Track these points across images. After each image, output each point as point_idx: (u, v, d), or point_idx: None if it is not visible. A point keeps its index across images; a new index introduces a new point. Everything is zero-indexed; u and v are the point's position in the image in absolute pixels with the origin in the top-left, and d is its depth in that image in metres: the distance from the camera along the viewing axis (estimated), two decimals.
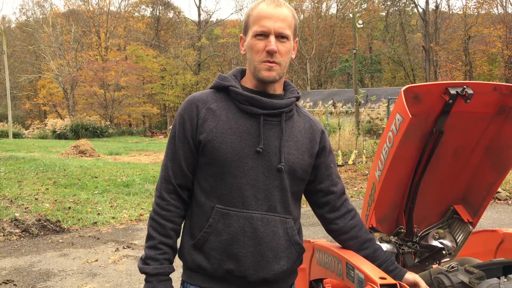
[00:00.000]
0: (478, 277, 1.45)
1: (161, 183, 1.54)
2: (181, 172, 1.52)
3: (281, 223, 1.51)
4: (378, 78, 46.37)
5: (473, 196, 2.07)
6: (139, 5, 53.90)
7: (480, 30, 38.54)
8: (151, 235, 1.51)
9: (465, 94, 1.67)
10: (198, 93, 1.57)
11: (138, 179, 10.49)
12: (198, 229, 1.50)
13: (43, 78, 46.41)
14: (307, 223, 6.74)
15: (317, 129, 1.61)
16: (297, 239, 1.56)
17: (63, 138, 31.67)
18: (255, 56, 1.47)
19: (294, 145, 1.52)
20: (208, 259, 1.49)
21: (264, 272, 1.49)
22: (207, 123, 1.48)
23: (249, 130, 1.48)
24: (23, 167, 12.30)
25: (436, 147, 1.86)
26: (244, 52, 1.53)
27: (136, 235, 6.10)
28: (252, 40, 1.47)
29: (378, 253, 1.64)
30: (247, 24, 1.51)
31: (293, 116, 1.56)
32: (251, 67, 1.50)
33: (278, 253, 1.50)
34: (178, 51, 48.75)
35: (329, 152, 1.63)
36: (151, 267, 1.48)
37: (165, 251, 1.50)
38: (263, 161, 1.48)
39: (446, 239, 2.07)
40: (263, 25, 1.45)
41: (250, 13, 1.50)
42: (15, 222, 6.54)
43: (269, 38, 1.46)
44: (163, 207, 1.51)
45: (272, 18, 1.45)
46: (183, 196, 1.54)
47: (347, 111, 20.30)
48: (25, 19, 51.00)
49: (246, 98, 1.48)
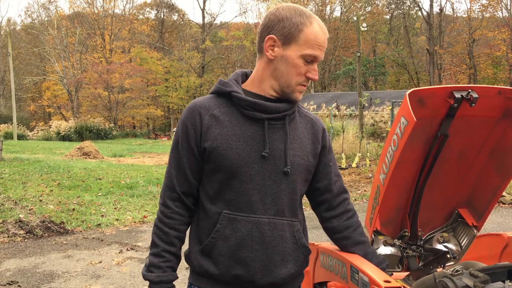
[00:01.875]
0: (483, 281, 1.44)
1: (165, 191, 1.54)
2: (185, 179, 1.52)
3: (288, 226, 1.52)
4: (382, 81, 46.28)
5: (477, 200, 2.07)
6: (144, 8, 54.11)
7: (485, 33, 38.43)
8: (155, 242, 1.52)
9: (470, 98, 1.67)
10: (199, 99, 1.55)
11: (142, 181, 10.51)
12: (205, 234, 1.50)
13: (47, 80, 46.59)
14: (311, 226, 6.73)
15: (318, 128, 1.61)
16: (303, 241, 1.56)
17: (67, 140, 31.73)
18: (294, 76, 1.47)
19: (299, 146, 1.53)
20: (216, 265, 1.49)
21: (272, 276, 1.49)
22: (211, 130, 1.47)
23: (253, 135, 1.47)
24: (28, 169, 12.35)
25: (440, 151, 1.86)
26: (272, 57, 1.47)
27: (140, 237, 6.11)
28: (297, 60, 1.45)
29: (368, 257, 1.64)
30: (293, 36, 1.44)
31: (295, 117, 1.56)
32: (282, 81, 1.48)
33: (285, 257, 1.51)
34: (182, 53, 48.85)
35: (328, 150, 1.63)
36: (154, 275, 1.49)
37: (168, 259, 1.51)
38: (269, 165, 1.47)
39: (451, 243, 2.06)
40: (316, 53, 1.46)
41: (301, 27, 1.44)
42: (20, 223, 6.56)
43: (314, 65, 1.48)
44: (167, 215, 1.51)
45: (322, 47, 1.47)
46: (187, 204, 1.54)
47: (351, 114, 20.28)
48: (30, 22, 51.33)
49: (250, 103, 1.47)
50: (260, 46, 1.51)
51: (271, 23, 1.47)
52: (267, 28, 1.48)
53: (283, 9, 1.47)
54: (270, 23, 1.47)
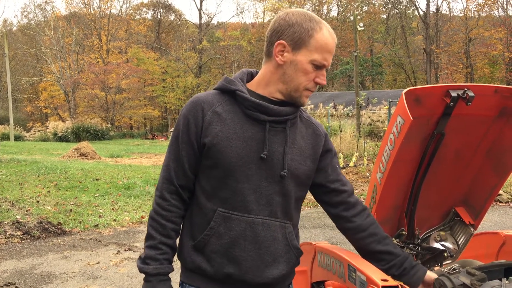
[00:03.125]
0: (480, 279, 1.45)
1: (163, 184, 1.53)
2: (183, 173, 1.52)
3: (280, 228, 1.52)
4: (379, 80, 46.36)
5: (474, 199, 2.07)
6: (140, 8, 54.00)
7: (481, 33, 38.58)
8: (151, 235, 1.51)
9: (466, 97, 1.68)
10: (202, 94, 1.54)
11: (139, 181, 10.50)
12: (199, 231, 1.51)
13: (44, 80, 46.51)
14: (308, 225, 6.74)
15: (320, 133, 1.61)
16: (295, 243, 1.57)
17: (64, 140, 31.67)
18: (303, 80, 1.48)
19: (298, 151, 1.53)
20: (209, 261, 1.49)
21: (263, 276, 1.50)
22: (212, 126, 1.47)
23: (254, 135, 1.48)
24: (25, 170, 12.31)
25: (437, 150, 1.86)
26: (282, 62, 1.47)
27: (137, 238, 6.10)
28: (307, 65, 1.46)
29: (398, 249, 1.64)
30: (303, 41, 1.45)
31: (296, 122, 1.56)
32: (291, 85, 1.48)
33: (277, 258, 1.51)
34: (179, 53, 48.83)
35: (334, 154, 1.64)
36: (151, 267, 1.48)
37: (165, 251, 1.50)
38: (266, 167, 1.48)
39: (448, 241, 2.07)
40: (325, 59, 1.47)
41: (311, 33, 1.45)
42: (17, 224, 6.54)
43: (322, 71, 1.49)
44: (165, 207, 1.51)
45: (331, 53, 1.48)
46: (184, 197, 1.54)
47: (348, 113, 20.31)
48: (26, 22, 51.24)
49: (253, 104, 1.47)
50: (268, 50, 1.51)
51: (281, 28, 1.47)
52: (277, 33, 1.48)
53: (293, 14, 1.47)
54: (280, 28, 1.47)
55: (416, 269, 1.59)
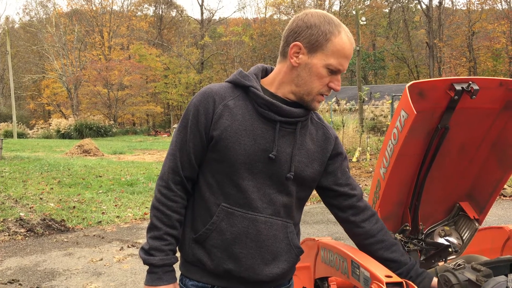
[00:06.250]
0: (485, 274, 1.43)
1: (169, 173, 1.50)
2: (189, 164, 1.50)
3: (282, 227, 1.51)
4: (381, 75, 46.24)
5: (479, 193, 2.05)
6: (142, 4, 53.93)
7: (484, 26, 38.36)
8: (156, 225, 1.48)
9: (471, 90, 1.65)
10: (215, 86, 1.51)
11: (142, 178, 10.51)
12: (201, 223, 1.50)
13: (47, 78, 46.56)
14: (312, 221, 6.73)
15: (330, 136, 1.59)
16: (296, 242, 1.56)
17: (67, 137, 31.75)
18: (317, 85, 1.45)
19: (305, 153, 1.51)
20: (209, 255, 1.48)
21: (262, 275, 1.49)
22: (222, 120, 1.44)
23: (263, 134, 1.45)
24: (28, 167, 12.35)
25: (441, 144, 1.84)
26: (297, 64, 1.44)
27: (140, 234, 6.11)
28: (322, 69, 1.43)
29: (405, 256, 1.61)
30: (320, 44, 1.42)
31: (307, 124, 1.54)
32: (304, 88, 1.46)
33: (278, 257, 1.51)
34: (181, 49, 48.75)
35: (344, 157, 1.62)
36: (157, 258, 1.46)
37: (170, 241, 1.49)
38: (273, 166, 1.46)
39: (452, 237, 2.05)
40: (341, 64, 1.44)
41: (329, 37, 1.41)
42: (20, 221, 6.56)
43: (337, 76, 1.46)
44: (170, 197, 1.49)
45: (348, 59, 1.46)
46: (188, 188, 1.52)
47: (351, 108, 20.26)
48: (28, 19, 51.25)
49: (266, 103, 1.45)
50: (284, 50, 1.48)
51: (299, 29, 1.43)
52: (294, 34, 1.45)
53: (312, 16, 1.44)
54: (297, 29, 1.44)
55: (423, 277, 1.57)
